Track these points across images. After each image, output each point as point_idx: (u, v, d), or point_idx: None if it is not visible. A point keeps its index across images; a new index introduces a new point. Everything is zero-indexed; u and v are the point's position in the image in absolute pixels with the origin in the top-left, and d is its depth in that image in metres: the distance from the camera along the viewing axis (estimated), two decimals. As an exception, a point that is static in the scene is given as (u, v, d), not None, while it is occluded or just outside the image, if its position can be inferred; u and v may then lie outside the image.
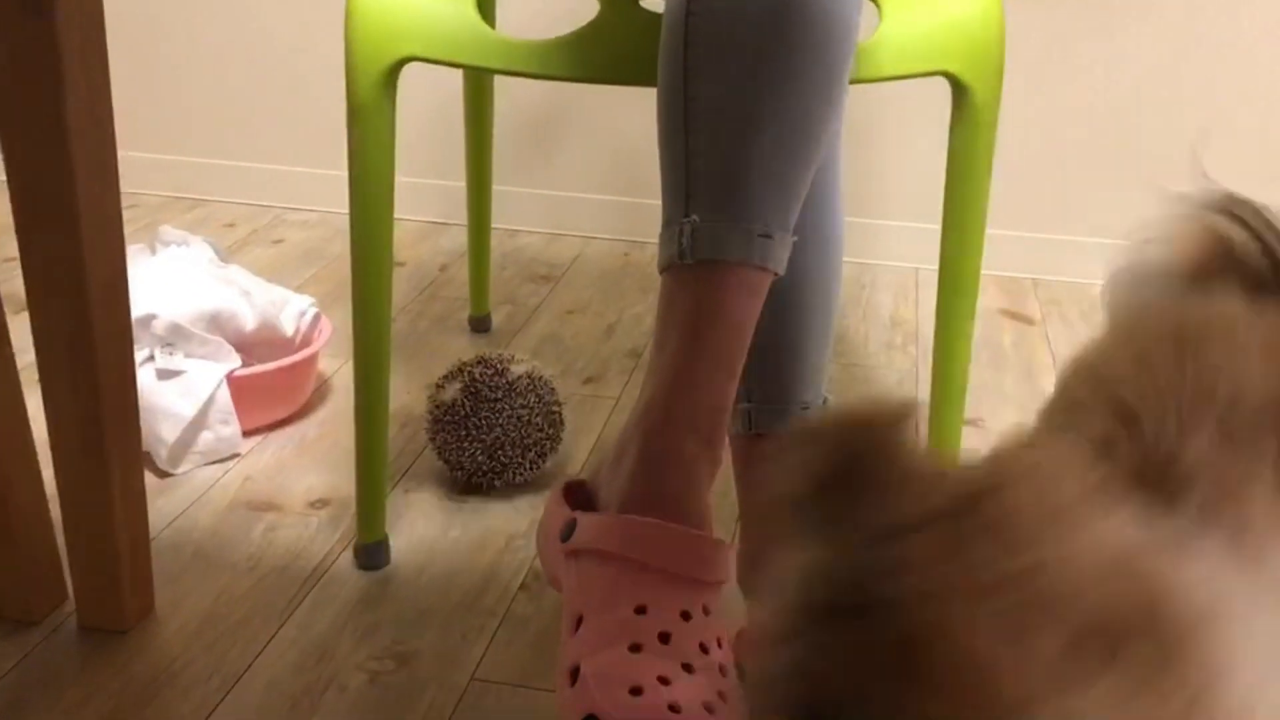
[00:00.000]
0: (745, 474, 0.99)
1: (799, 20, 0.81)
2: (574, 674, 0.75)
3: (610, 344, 1.66)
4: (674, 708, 0.72)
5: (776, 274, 0.83)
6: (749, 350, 0.85)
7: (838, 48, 0.83)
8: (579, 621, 0.79)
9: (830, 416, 0.51)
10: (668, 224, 0.85)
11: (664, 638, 0.76)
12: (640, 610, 0.77)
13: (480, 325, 1.68)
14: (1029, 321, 1.80)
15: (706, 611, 0.79)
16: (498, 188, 1.64)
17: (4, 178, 0.90)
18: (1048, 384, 1.59)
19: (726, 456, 0.86)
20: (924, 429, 1.40)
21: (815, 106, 0.83)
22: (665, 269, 0.85)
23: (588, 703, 0.73)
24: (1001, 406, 1.52)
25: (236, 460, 1.31)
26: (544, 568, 0.92)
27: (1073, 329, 1.78)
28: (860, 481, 0.43)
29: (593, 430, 1.41)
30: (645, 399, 0.84)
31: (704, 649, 0.77)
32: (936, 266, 1.09)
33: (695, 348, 0.82)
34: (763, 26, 0.81)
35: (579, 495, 0.90)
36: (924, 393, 1.53)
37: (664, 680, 0.74)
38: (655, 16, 0.96)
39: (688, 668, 0.75)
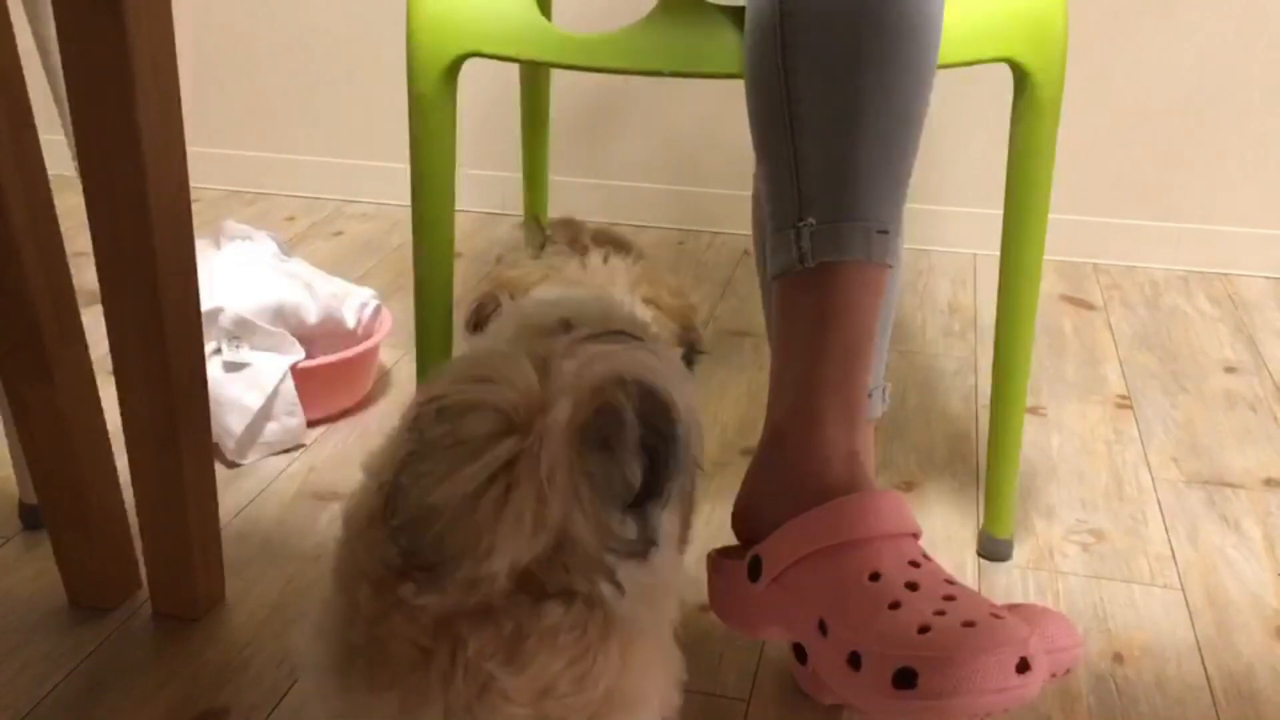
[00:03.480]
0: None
1: (893, 8, 0.80)
2: (852, 660, 0.74)
3: (667, 333, 1.66)
4: (967, 624, 0.70)
5: (890, 267, 0.83)
6: None
7: (931, 30, 0.82)
8: (822, 624, 0.77)
9: None
10: (779, 229, 0.83)
11: (911, 586, 0.75)
12: (874, 577, 0.76)
13: (537, 315, 1.69)
14: (1090, 307, 1.78)
15: (926, 558, 0.79)
16: (551, 178, 1.64)
17: (76, 173, 0.92)
18: (1111, 370, 1.57)
19: None
20: (984, 417, 1.37)
21: (915, 93, 0.83)
22: (782, 274, 0.84)
23: (891, 663, 0.71)
24: (1063, 393, 1.50)
25: (301, 451, 1.33)
26: (740, 630, 0.89)
27: (1135, 313, 1.75)
28: None
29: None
30: (786, 403, 0.84)
31: (950, 583, 0.76)
32: (994, 252, 1.08)
33: (828, 350, 0.82)
34: (859, 18, 0.80)
35: (729, 553, 0.88)
36: (984, 380, 1.52)
37: (939, 614, 0.73)
38: (715, 9, 0.96)
39: (949, 598, 0.74)
